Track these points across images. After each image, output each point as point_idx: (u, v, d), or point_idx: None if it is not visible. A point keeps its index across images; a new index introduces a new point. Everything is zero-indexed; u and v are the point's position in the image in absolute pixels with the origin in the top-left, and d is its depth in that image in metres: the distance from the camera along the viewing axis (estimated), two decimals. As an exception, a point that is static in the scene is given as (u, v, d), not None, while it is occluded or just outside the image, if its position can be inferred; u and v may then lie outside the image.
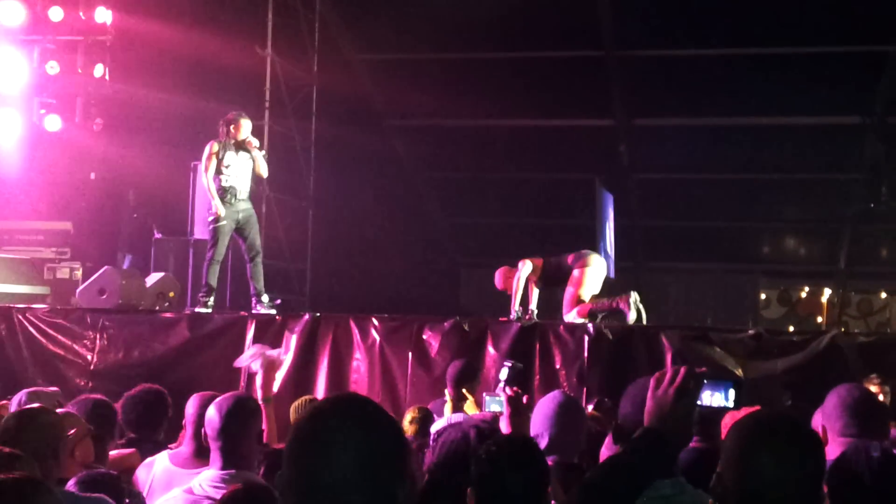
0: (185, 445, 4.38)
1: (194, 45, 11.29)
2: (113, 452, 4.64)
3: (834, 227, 15.70)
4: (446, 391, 6.48)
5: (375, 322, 8.23)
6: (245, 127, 9.00)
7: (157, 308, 9.32)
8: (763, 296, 16.24)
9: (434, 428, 4.82)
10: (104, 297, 9.22)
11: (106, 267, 9.63)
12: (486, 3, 12.45)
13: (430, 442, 3.46)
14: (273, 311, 8.94)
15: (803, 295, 15.97)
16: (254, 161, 9.05)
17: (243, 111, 9.28)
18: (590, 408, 7.05)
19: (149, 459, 4.44)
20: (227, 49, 11.52)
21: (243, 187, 9.00)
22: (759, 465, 2.31)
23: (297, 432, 2.12)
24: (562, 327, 8.02)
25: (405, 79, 13.73)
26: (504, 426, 3.80)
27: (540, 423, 4.18)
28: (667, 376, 2.64)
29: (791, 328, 13.16)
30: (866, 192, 14.54)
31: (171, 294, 9.74)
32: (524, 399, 4.01)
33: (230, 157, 8.89)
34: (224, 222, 8.88)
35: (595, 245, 13.71)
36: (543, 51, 13.63)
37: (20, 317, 8.60)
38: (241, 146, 8.93)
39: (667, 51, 13.50)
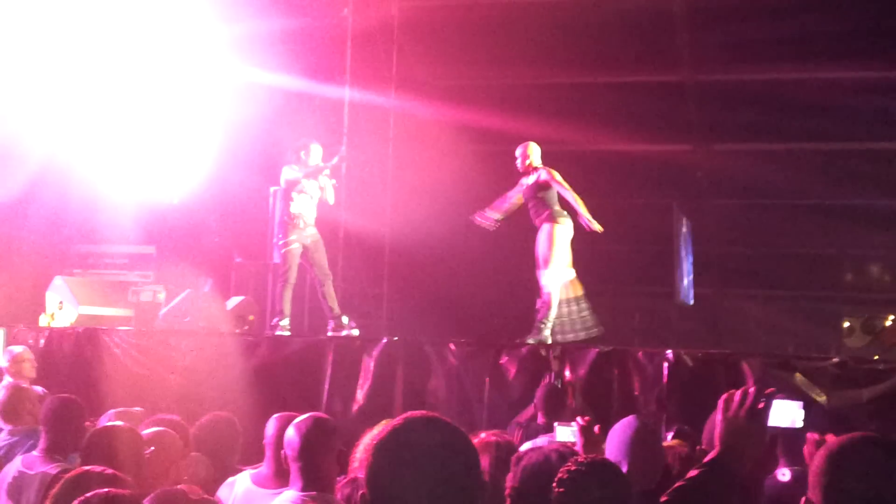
0: (265, 466, 4.44)
1: (275, 71, 11.48)
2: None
3: (919, 254, 15.34)
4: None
5: (452, 347, 8.24)
6: (315, 153, 9.17)
7: (238, 331, 9.46)
8: (846, 324, 15.87)
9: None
10: (186, 319, 9.40)
11: (188, 290, 9.82)
12: (563, 29, 12.45)
13: (511, 466, 3.45)
14: (354, 331, 9.03)
15: (888, 323, 15.56)
16: (323, 188, 9.19)
17: (323, 141, 9.44)
18: (670, 436, 6.97)
19: (230, 479, 4.50)
20: (306, 76, 11.69)
21: (310, 213, 9.15)
22: (850, 490, 2.25)
23: (376, 449, 2.14)
24: (640, 353, 7.94)
25: (483, 104, 13.76)
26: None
27: (616, 449, 4.14)
28: (736, 397, 2.60)
29: (876, 357, 12.84)
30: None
31: (251, 317, 9.89)
32: (596, 429, 3.99)
33: (301, 184, 9.06)
34: (294, 246, 9.01)
35: (673, 272, 13.59)
36: (621, 75, 13.57)
37: (105, 338, 8.81)
38: (312, 173, 9.09)
39: (746, 75, 13.34)
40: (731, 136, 14.15)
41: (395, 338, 8.69)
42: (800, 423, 2.65)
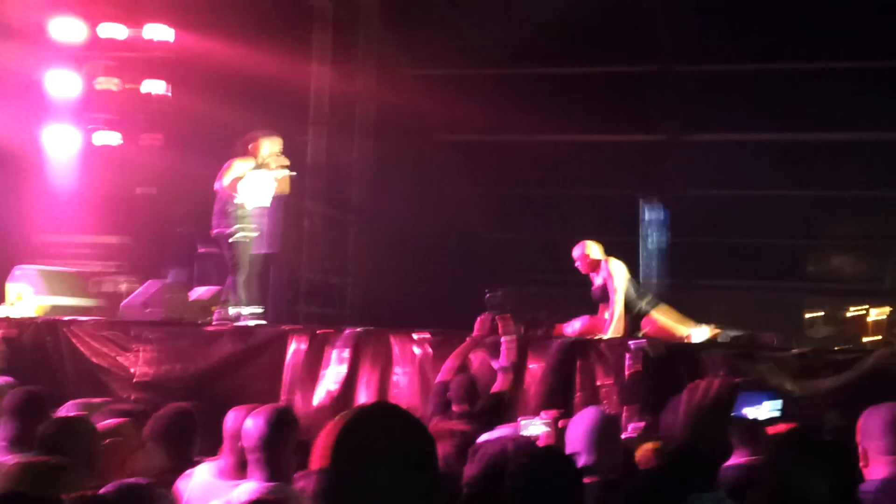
0: (224, 458, 4.41)
1: (245, 61, 11.39)
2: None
3: (882, 245, 15.46)
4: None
5: (416, 337, 8.23)
6: (265, 146, 9.08)
7: (200, 322, 9.40)
8: (809, 315, 16.01)
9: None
10: (148, 310, 9.32)
11: (150, 281, 9.74)
12: (536, 19, 12.44)
13: (469, 456, 3.46)
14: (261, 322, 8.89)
15: (851, 314, 15.71)
16: (274, 180, 9.11)
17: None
18: (631, 426, 7.01)
19: (189, 471, 4.47)
20: (275, 63, 11.61)
21: (253, 204, 9.06)
22: (795, 481, 2.27)
23: (333, 443, 2.13)
24: (603, 344, 7.96)
25: (453, 94, 13.72)
26: None
27: (577, 440, 4.15)
28: (701, 387, 2.60)
29: (838, 347, 12.96)
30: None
31: (214, 308, 9.82)
32: (560, 423, 4.00)
33: (249, 175, 8.99)
34: (240, 235, 8.94)
35: (639, 263, 13.65)
36: (591, 66, 13.59)
37: (65, 329, 8.72)
38: (260, 165, 9.02)
39: (716, 66, 13.40)
40: (700, 127, 14.21)
41: (360, 328, 8.66)
42: (770, 415, 2.65)
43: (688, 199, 15.12)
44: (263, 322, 9.08)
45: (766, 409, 2.68)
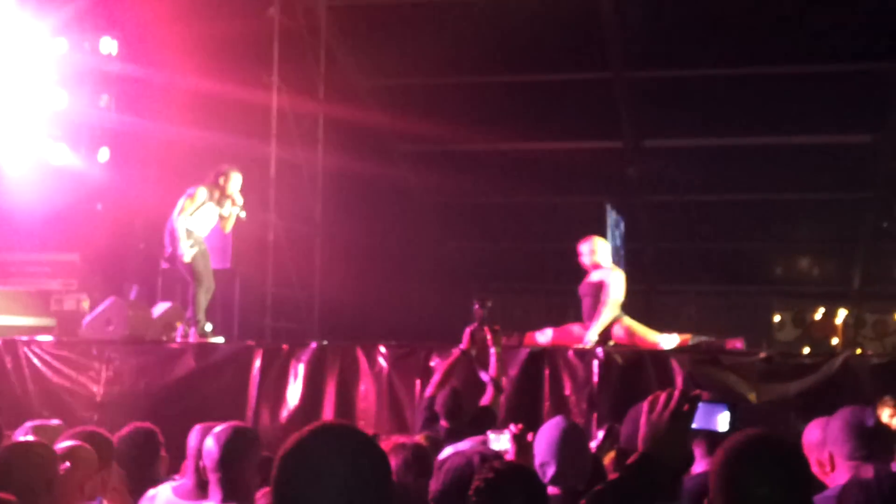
0: (187, 478, 4.34)
1: (200, 76, 11.31)
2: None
3: (848, 247, 15.59)
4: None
5: (383, 350, 8.18)
6: (234, 181, 9.12)
7: (164, 338, 9.29)
8: (777, 317, 16.11)
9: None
10: (111, 328, 9.20)
11: (112, 298, 9.62)
12: (492, 28, 12.44)
13: (435, 470, 3.40)
14: (218, 340, 8.86)
15: (818, 316, 15.83)
16: (225, 217, 9.14)
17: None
18: (600, 434, 6.97)
19: (151, 492, 4.39)
20: (232, 79, 11.53)
21: (203, 232, 9.09)
22: (746, 487, 2.23)
23: (282, 462, 2.11)
24: (571, 352, 7.93)
25: (412, 105, 13.72)
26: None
27: (545, 450, 4.10)
28: (661, 399, 2.59)
29: (806, 350, 13.04)
30: (879, 211, 14.44)
31: (178, 324, 9.71)
32: (528, 437, 3.96)
33: (207, 205, 8.99)
34: (196, 251, 8.92)
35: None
36: (550, 74, 13.60)
37: (25, 349, 8.60)
38: (223, 199, 9.03)
39: (674, 71, 13.45)
40: (660, 133, 14.27)
41: (325, 342, 8.59)
42: (724, 427, 2.63)
43: (653, 205, 15.20)
44: (220, 339, 9.00)
45: (723, 421, 2.66)
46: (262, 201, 11.60)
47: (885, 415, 6.29)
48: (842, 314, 15.50)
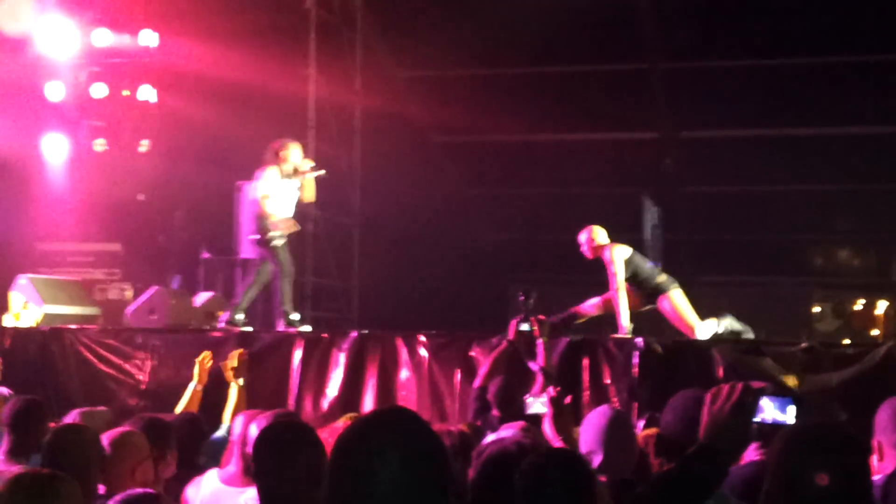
0: (232, 464, 4.39)
1: (238, 67, 11.39)
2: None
3: (888, 238, 15.44)
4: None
5: (423, 339, 8.21)
6: (294, 153, 9.09)
7: (207, 327, 9.38)
8: (817, 308, 15.98)
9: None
10: (154, 316, 9.31)
11: (155, 287, 9.73)
12: (529, 19, 12.42)
13: (473, 459, 3.42)
14: (307, 328, 8.93)
15: (858, 307, 15.68)
16: (302, 188, 9.13)
17: (288, 136, 9.36)
18: (641, 424, 6.97)
19: (197, 478, 4.45)
20: (270, 70, 11.61)
21: (286, 211, 9.07)
22: (806, 478, 2.22)
23: (339, 446, 2.11)
24: (611, 342, 7.93)
25: (450, 95, 13.73)
26: (547, 427, 3.75)
27: (591, 440, 4.10)
28: (723, 391, 2.59)
29: (846, 341, 12.92)
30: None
31: (220, 313, 9.81)
32: (567, 399, 3.98)
33: (281, 183, 8.99)
34: (277, 240, 8.94)
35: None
36: (587, 65, 13.56)
37: (71, 337, 8.70)
38: (288, 173, 9.01)
39: (711, 62, 13.37)
40: (697, 124, 14.19)
41: (365, 331, 8.64)
42: (791, 420, 2.63)
43: (690, 196, 15.11)
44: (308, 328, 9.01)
45: (785, 413, 2.66)
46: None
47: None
48: (882, 305, 15.33)
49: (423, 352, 8.14)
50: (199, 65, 11.52)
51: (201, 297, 9.96)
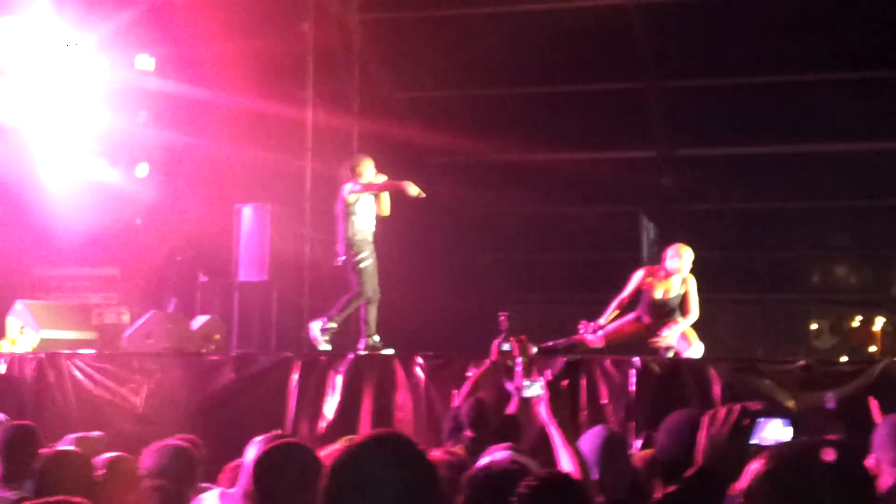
0: (238, 487, 4.38)
1: (236, 91, 11.42)
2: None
3: (885, 254, 15.45)
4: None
5: (420, 360, 8.21)
6: (369, 167, 9.15)
7: (204, 350, 9.38)
8: (814, 325, 15.97)
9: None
10: (151, 340, 9.30)
11: (152, 311, 9.73)
12: (525, 39, 12.47)
13: (464, 483, 3.41)
14: (388, 350, 8.85)
15: (855, 324, 15.68)
16: (378, 202, 9.18)
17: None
18: (638, 443, 6.95)
19: (199, 497, 4.43)
20: (268, 93, 11.64)
21: (372, 228, 9.12)
22: (799, 496, 2.17)
23: (333, 470, 2.11)
24: (608, 361, 7.92)
25: (447, 116, 13.75)
26: (542, 410, 3.76)
27: (586, 459, 4.11)
28: (721, 414, 2.59)
29: (844, 358, 12.91)
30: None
31: (217, 336, 9.82)
32: (564, 383, 3.99)
33: (360, 199, 9.03)
34: (369, 262, 8.97)
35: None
36: (583, 84, 13.61)
37: (68, 362, 8.69)
38: (369, 186, 9.08)
39: (708, 80, 13.41)
40: (694, 142, 14.22)
41: (362, 353, 8.64)
42: (780, 439, 2.62)
43: (688, 214, 15.12)
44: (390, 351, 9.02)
45: (781, 433, 2.65)
46: (298, 215, 11.68)
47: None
48: (880, 322, 15.33)
49: (420, 373, 8.14)
50: (197, 89, 11.55)
51: (198, 321, 9.96)
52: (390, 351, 9.02)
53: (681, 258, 8.90)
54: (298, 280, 11.56)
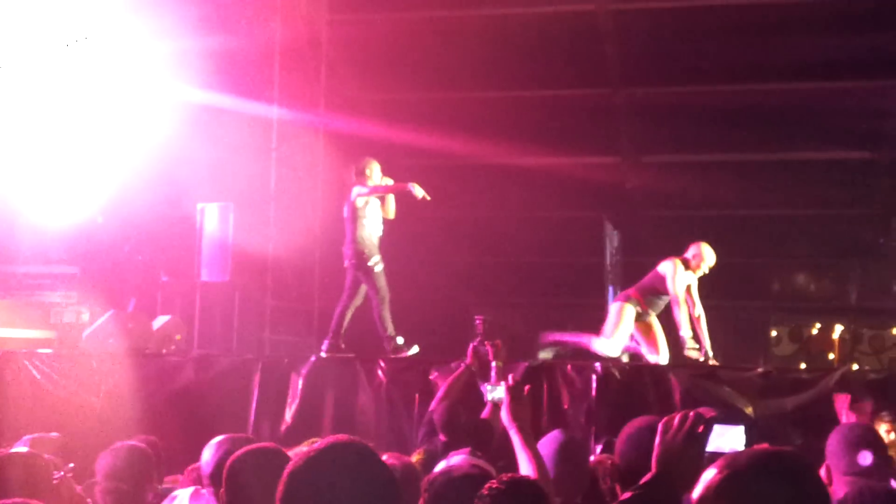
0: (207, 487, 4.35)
1: (201, 89, 11.34)
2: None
3: (845, 263, 15.62)
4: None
5: (382, 363, 8.20)
6: (377, 170, 9.11)
7: (164, 351, 9.30)
8: (774, 333, 16.13)
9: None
10: (110, 340, 9.20)
11: (112, 310, 9.63)
12: (492, 44, 12.51)
13: (423, 489, 3.42)
14: (414, 350, 8.84)
15: (815, 331, 15.86)
16: (384, 205, 9.14)
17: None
18: (598, 448, 7.00)
19: (172, 494, 4.40)
20: (233, 92, 11.57)
21: (378, 232, 9.07)
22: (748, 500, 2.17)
23: (290, 477, 2.10)
24: (569, 367, 7.96)
25: (412, 119, 13.74)
26: (504, 415, 3.78)
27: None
28: (675, 421, 2.59)
29: (803, 365, 13.07)
30: (877, 227, 14.46)
31: (178, 337, 9.72)
32: (526, 389, 4.01)
33: (369, 203, 8.99)
34: (381, 265, 8.92)
35: (603, 283, 13.68)
36: (549, 89, 13.65)
37: (25, 361, 8.59)
38: (376, 188, 9.04)
39: (673, 87, 13.50)
40: (659, 148, 14.31)
41: (325, 355, 8.61)
42: (740, 447, 2.64)
43: (651, 220, 15.22)
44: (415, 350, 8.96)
45: (736, 440, 2.67)
46: (262, 215, 11.63)
47: (882, 430, 6.32)
48: (839, 329, 15.51)
49: (381, 376, 8.13)
50: (161, 86, 11.45)
51: (159, 321, 9.87)
52: (416, 349, 8.96)
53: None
54: (261, 281, 11.51)
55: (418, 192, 8.96)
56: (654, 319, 9.13)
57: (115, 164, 11.32)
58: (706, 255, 9.05)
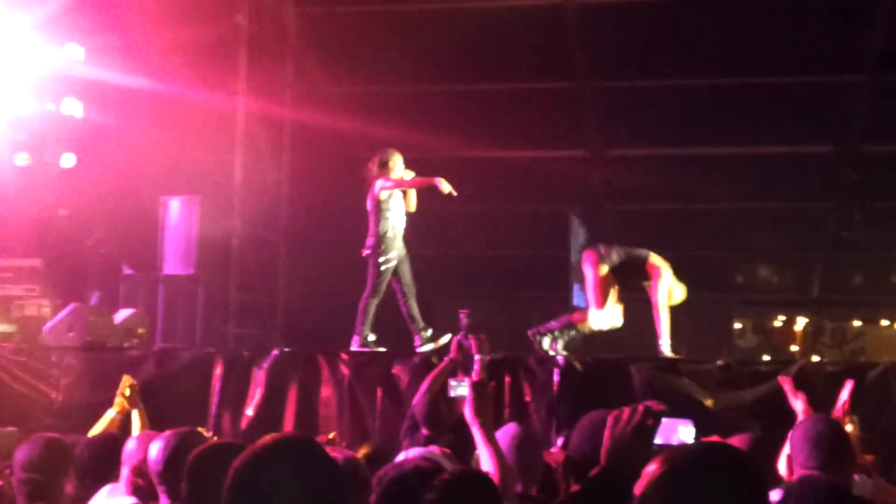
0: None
1: (166, 81, 11.27)
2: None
3: (807, 256, 15.75)
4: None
5: (344, 356, 8.20)
6: (398, 160, 9.02)
7: (126, 345, 9.25)
8: (737, 325, 16.25)
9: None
10: (72, 334, 9.14)
11: (74, 304, 9.55)
12: (459, 37, 12.50)
13: (375, 484, 3.43)
14: (444, 339, 8.76)
15: (777, 324, 15.99)
16: (406, 198, 9.04)
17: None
18: (560, 441, 7.04)
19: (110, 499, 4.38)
20: (199, 84, 11.50)
21: (402, 225, 8.98)
22: (692, 499, 2.17)
23: (235, 474, 2.10)
24: (531, 360, 8.00)
25: (379, 111, 13.71)
26: (467, 411, 3.80)
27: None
28: (624, 414, 2.61)
29: (766, 357, 13.17)
30: (839, 221, 14.59)
31: (141, 330, 9.67)
32: (491, 385, 4.01)
33: (392, 196, 8.90)
34: (393, 263, 8.83)
35: (568, 276, 13.73)
36: (515, 82, 13.66)
37: (-16, 356, 8.53)
38: (400, 181, 8.95)
39: (639, 81, 13.55)
40: (624, 142, 14.35)
41: (286, 349, 8.60)
42: (689, 441, 2.66)
43: (616, 214, 15.28)
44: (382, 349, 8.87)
45: (685, 434, 2.69)
46: (226, 207, 11.58)
47: (848, 426, 6.37)
48: (801, 322, 15.65)
49: (344, 370, 8.13)
50: (127, 79, 11.36)
51: (122, 315, 9.81)
52: (382, 349, 8.89)
53: None
54: (225, 274, 11.47)
55: (445, 187, 8.89)
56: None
57: (79, 156, 11.24)
58: None
